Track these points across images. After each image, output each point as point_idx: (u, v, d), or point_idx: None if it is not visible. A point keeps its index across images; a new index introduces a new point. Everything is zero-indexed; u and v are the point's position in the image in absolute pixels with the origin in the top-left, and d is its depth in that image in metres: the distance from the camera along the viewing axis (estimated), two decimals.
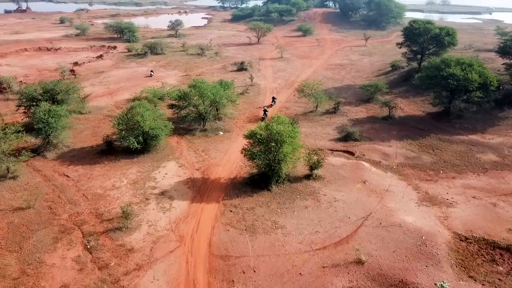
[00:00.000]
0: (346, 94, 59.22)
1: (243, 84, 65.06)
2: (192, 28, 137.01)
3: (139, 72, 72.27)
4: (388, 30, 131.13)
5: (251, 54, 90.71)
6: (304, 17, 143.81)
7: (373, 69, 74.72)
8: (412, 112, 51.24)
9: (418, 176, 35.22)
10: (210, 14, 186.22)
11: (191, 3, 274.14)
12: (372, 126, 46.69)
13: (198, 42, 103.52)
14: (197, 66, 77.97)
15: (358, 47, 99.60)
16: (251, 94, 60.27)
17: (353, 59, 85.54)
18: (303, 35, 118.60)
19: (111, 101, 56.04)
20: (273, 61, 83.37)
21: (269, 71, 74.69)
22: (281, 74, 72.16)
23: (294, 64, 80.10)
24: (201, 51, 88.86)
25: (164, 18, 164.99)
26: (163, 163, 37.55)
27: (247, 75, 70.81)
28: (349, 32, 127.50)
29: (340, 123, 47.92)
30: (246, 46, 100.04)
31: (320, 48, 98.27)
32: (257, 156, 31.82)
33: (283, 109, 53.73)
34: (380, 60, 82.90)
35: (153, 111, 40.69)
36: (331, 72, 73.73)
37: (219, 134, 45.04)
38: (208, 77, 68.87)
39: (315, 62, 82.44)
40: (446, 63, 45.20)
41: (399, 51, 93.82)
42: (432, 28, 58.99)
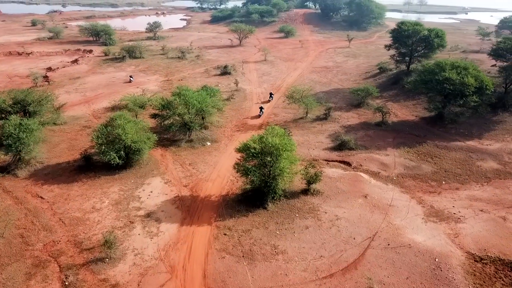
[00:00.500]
0: (336, 99, 57.30)
1: (228, 89, 62.45)
2: (171, 30, 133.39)
3: (118, 78, 68.74)
4: (369, 31, 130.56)
5: (233, 57, 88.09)
6: (285, 18, 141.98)
7: (359, 72, 73.16)
8: (405, 117, 49.63)
9: (420, 187, 33.37)
10: (188, 16, 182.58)
11: (169, 4, 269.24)
12: (366, 133, 44.78)
13: (178, 44, 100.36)
14: (178, 70, 74.88)
15: (342, 49, 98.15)
16: (237, 99, 57.69)
17: (338, 61, 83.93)
18: (285, 36, 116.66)
19: (89, 110, 52.56)
20: (257, 64, 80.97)
21: (254, 75, 72.26)
22: (267, 78, 69.82)
23: (279, 67, 77.89)
24: (182, 54, 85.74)
25: (141, 20, 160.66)
26: (148, 180, 34.65)
27: (232, 79, 68.19)
28: (331, 33, 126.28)
29: (332, 130, 45.87)
30: (228, 49, 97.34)
31: (303, 50, 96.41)
32: (252, 172, 29.33)
33: (272, 115, 51.39)
34: (366, 62, 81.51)
35: (135, 123, 37.70)
36: (317, 75, 71.81)
37: (207, 144, 42.34)
38: (190, 82, 66.10)
39: (300, 64, 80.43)
40: (441, 66, 43.69)
41: (383, 52, 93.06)
42: (421, 30, 57.70)
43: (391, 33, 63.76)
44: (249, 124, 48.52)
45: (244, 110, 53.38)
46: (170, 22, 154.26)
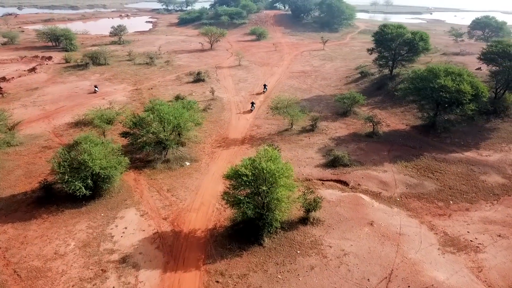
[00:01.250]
0: (319, 107, 54.01)
1: (203, 98, 58.04)
2: (136, 33, 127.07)
3: (81, 88, 62.86)
4: (341, 32, 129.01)
5: (206, 62, 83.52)
6: (255, 20, 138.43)
7: (339, 76, 70.36)
8: (395, 126, 46.85)
9: (428, 209, 30.28)
10: (154, 18, 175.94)
11: (132, 5, 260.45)
12: (358, 145, 41.56)
13: (146, 49, 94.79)
14: (147, 78, 69.65)
15: (317, 51, 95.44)
16: (214, 110, 53.37)
17: (315, 64, 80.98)
18: (257, 39, 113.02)
19: (49, 127, 46.87)
20: (231, 69, 76.79)
21: (229, 81, 68.05)
22: (243, 85, 65.78)
23: (254, 73, 74.03)
24: (150, 60, 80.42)
25: (104, 23, 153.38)
26: (121, 212, 29.93)
27: (206, 87, 63.88)
28: (302, 34, 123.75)
29: (321, 143, 42.41)
30: (199, 53, 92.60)
31: (278, 53, 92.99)
32: (244, 203, 25.26)
33: (254, 127, 47.44)
34: (344, 66, 78.96)
35: (104, 145, 32.82)
36: (296, 81, 68.42)
37: (185, 165, 37.86)
38: (161, 91, 61.27)
39: (276, 69, 76.90)
40: (434, 73, 41.06)
41: (358, 54, 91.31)
42: (405, 33, 55.32)
43: (373, 36, 61.17)
44: (230, 138, 44.34)
45: (223, 122, 49.14)
46: (135, 25, 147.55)
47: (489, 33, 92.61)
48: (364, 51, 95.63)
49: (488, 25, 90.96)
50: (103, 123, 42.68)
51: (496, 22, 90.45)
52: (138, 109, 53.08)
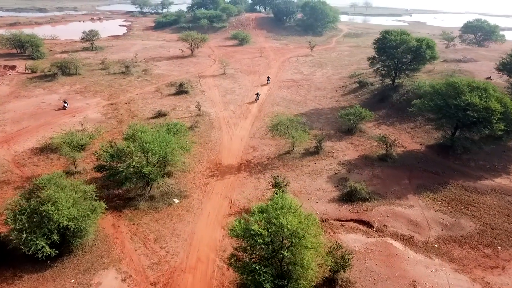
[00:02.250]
0: (319, 123, 48.57)
1: (188, 114, 51.81)
2: (110, 38, 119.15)
3: (48, 103, 55.54)
4: (325, 35, 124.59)
5: (187, 70, 77.03)
6: (236, 24, 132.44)
7: (334, 86, 65.23)
8: (409, 145, 41.80)
9: (475, 260, 25.06)
10: (128, 21, 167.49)
11: (105, 8, 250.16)
12: (373, 172, 36.21)
13: (121, 56, 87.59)
14: (124, 90, 62.74)
15: (305, 57, 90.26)
16: (202, 128, 47.19)
17: (305, 72, 75.69)
18: (240, 44, 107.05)
19: (8, 154, 39.71)
20: (216, 79, 70.60)
21: (215, 93, 61.89)
22: (231, 97, 59.73)
23: (242, 83, 68.09)
24: (126, 69, 73.40)
25: (75, 27, 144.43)
26: (97, 275, 23.58)
27: (190, 100, 57.66)
28: (286, 38, 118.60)
29: (330, 169, 36.88)
30: (179, 60, 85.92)
31: (264, 60, 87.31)
32: (260, 274, 19.36)
33: (250, 150, 41.51)
34: (336, 73, 73.98)
35: (73, 187, 26.34)
36: (288, 91, 62.85)
37: (174, 202, 31.63)
38: (140, 106, 54.67)
39: (264, 78, 71.13)
40: (457, 88, 36.11)
41: (348, 60, 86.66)
42: (410, 40, 50.50)
43: (374, 43, 56.12)
44: (224, 164, 38.29)
45: (214, 144, 43.02)
46: (108, 29, 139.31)
47: (481, 37, 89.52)
48: (353, 56, 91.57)
49: (481, 29, 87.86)
50: (72, 152, 35.92)
51: (489, 25, 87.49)
52: (115, 129, 46.53)
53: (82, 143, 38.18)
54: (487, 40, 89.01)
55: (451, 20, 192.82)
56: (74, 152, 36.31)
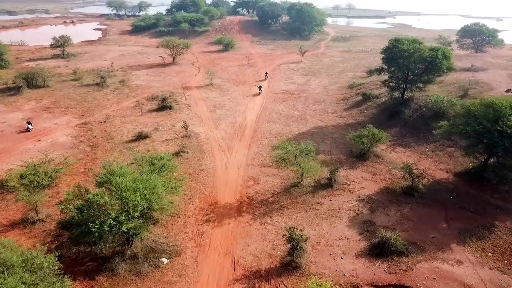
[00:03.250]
0: (326, 145, 42.48)
1: (173, 135, 45.05)
2: (83, 43, 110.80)
3: (10, 123, 47.92)
4: (313, 39, 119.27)
5: (170, 80, 69.98)
6: (219, 27, 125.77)
7: (333, 98, 59.43)
8: (433, 172, 36.10)
9: None
10: (104, 24, 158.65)
11: (79, 10, 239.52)
12: (400, 211, 30.25)
13: (95, 64, 79.94)
14: (98, 106, 55.40)
15: (296, 64, 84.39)
16: (190, 154, 40.48)
17: (299, 82, 69.72)
18: (225, 49, 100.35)
19: None
20: (202, 90, 63.85)
21: (203, 108, 55.17)
22: (221, 113, 53.13)
23: (231, 95, 61.54)
24: (102, 79, 65.95)
25: (46, 30, 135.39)
26: None
27: (175, 116, 50.94)
28: (273, 43, 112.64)
29: (349, 208, 30.76)
30: (160, 69, 78.73)
31: (252, 67, 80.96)
32: None
33: (250, 182, 35.06)
34: (333, 83, 68.31)
35: (27, 262, 19.38)
36: (283, 105, 56.65)
37: (162, 263, 24.88)
38: (118, 126, 47.64)
39: (255, 89, 64.83)
40: (497, 110, 30.53)
41: (342, 67, 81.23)
42: (423, 49, 44.93)
43: (383, 52, 50.43)
44: (221, 204, 31.72)
45: (206, 174, 36.37)
46: (82, 33, 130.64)
47: (479, 42, 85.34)
48: (346, 62, 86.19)
49: (480, 33, 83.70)
50: (32, 195, 28.71)
51: (488, 29, 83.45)
52: (88, 157, 39.42)
53: (45, 183, 30.98)
54: (486, 45, 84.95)
55: (436, 22, 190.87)
56: (34, 194, 29.11)
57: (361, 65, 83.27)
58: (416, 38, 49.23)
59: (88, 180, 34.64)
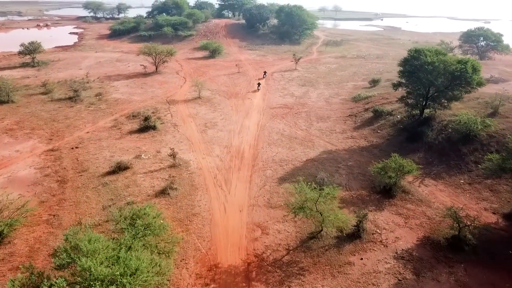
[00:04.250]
0: (341, 175, 35.92)
1: (159, 165, 37.84)
2: (57, 49, 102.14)
3: None
4: (303, 44, 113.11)
5: (152, 93, 62.53)
6: (204, 31, 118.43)
7: (338, 113, 53.07)
8: (476, 213, 29.81)
9: None
10: (80, 28, 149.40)
11: (54, 12, 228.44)
12: (454, 275, 23.73)
13: (69, 74, 72.00)
14: (70, 126, 47.75)
15: (290, 72, 77.94)
16: (180, 191, 33.37)
17: (297, 93, 63.19)
18: (211, 56, 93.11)
19: None
20: (190, 105, 56.69)
21: (192, 127, 48.04)
22: (214, 134, 46.11)
23: (223, 110, 54.55)
24: (75, 93, 58.23)
25: (17, 34, 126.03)
26: None
27: (160, 139, 43.76)
28: (262, 48, 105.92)
29: (388, 271, 24.15)
30: (141, 79, 71.14)
31: (243, 76, 74.07)
32: None
33: (257, 232, 28.15)
34: (334, 94, 62.00)
35: None
36: (284, 123, 49.96)
37: None
38: (92, 153, 40.25)
39: (249, 102, 58.06)
40: None
41: (341, 75, 75.14)
42: (450, 62, 38.76)
43: (401, 65, 44.07)
44: (222, 267, 24.72)
45: (201, 222, 29.29)
46: (56, 38, 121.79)
47: (484, 47, 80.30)
48: (343, 70, 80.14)
49: (486, 38, 78.65)
50: None
51: (493, 34, 78.50)
52: (54, 198, 32.01)
53: None
54: (490, 51, 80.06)
55: (424, 25, 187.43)
56: None
57: (360, 73, 77.38)
58: (439, 48, 43.12)
59: (53, 233, 27.38)
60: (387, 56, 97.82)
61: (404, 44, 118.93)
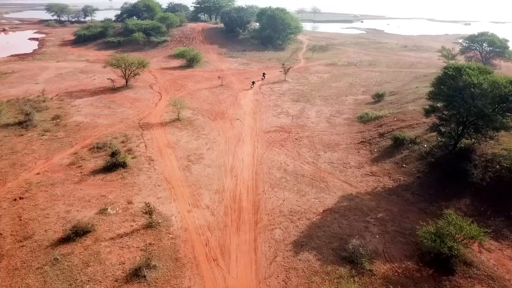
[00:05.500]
0: (374, 237, 27.29)
1: (130, 224, 28.40)
2: (13, 58, 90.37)
3: None
4: (288, 50, 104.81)
5: (122, 114, 52.63)
6: (179, 37, 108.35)
7: (346, 137, 44.70)
8: None
9: None
10: (42, 33, 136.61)
11: (14, 15, 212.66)
12: None
13: (22, 90, 61.38)
14: (16, 164, 37.55)
15: (279, 84, 69.31)
16: (161, 272, 23.99)
17: (292, 111, 54.56)
18: (189, 65, 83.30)
19: None
20: (167, 129, 47.19)
21: (171, 164, 38.53)
22: (200, 172, 36.78)
23: (209, 137, 45.27)
24: (27, 117, 47.85)
25: None
26: None
27: (131, 182, 34.29)
28: (244, 56, 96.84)
29: None
30: (109, 95, 60.98)
31: (227, 90, 64.89)
32: None
33: None
34: (335, 112, 53.70)
35: None
36: (284, 152, 41.12)
37: None
38: (42, 205, 30.80)
39: (239, 124, 49.05)
40: None
41: (337, 87, 67.19)
42: (500, 83, 30.72)
43: (434, 85, 35.78)
44: None
45: None
46: (13, 44, 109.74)
47: (488, 54, 73.77)
48: (337, 80, 72.16)
49: (491, 44, 72.07)
50: None
51: (499, 40, 72.03)
52: None
53: None
54: (494, 57, 73.71)
55: (406, 27, 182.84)
56: None
57: (357, 84, 69.57)
58: (484, 67, 34.85)
59: None
60: (379, 62, 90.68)
61: (393, 49, 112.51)
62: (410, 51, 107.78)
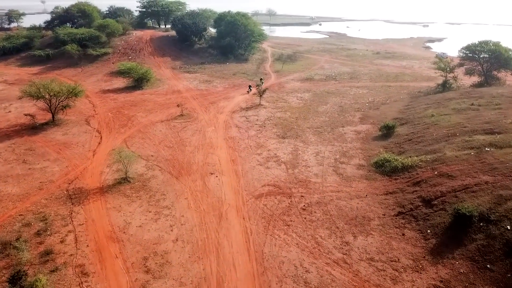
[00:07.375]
0: None
1: None
2: None
3: None
4: (253, 61, 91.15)
5: (43, 174, 36.27)
6: (123, 48, 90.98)
7: (373, 203, 31.52)
8: None
9: None
10: None
11: None
12: None
13: None
14: None
15: (255, 111, 55.37)
16: None
17: (283, 156, 40.67)
18: (137, 85, 67.08)
19: None
20: (111, 202, 31.66)
21: (120, 283, 23.24)
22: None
23: (174, 213, 30.30)
24: None
25: None
26: None
27: None
28: (203, 70, 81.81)
29: None
30: (26, 140, 44.10)
31: (191, 123, 49.93)
32: None
33: None
34: (340, 154, 40.55)
35: None
36: (295, 242, 27.13)
37: None
38: None
39: (216, 185, 34.49)
40: None
41: (325, 114, 54.35)
42: None
43: None
44: None
45: None
46: None
47: (491, 66, 63.81)
48: (323, 103, 60.05)
49: (496, 55, 61.99)
50: None
51: (505, 49, 62.27)
52: None
53: None
54: (499, 70, 64.06)
55: (367, 30, 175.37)
56: None
57: (348, 107, 57.26)
58: None
59: None
60: (360, 75, 79.44)
61: (366, 56, 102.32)
62: (385, 59, 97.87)
